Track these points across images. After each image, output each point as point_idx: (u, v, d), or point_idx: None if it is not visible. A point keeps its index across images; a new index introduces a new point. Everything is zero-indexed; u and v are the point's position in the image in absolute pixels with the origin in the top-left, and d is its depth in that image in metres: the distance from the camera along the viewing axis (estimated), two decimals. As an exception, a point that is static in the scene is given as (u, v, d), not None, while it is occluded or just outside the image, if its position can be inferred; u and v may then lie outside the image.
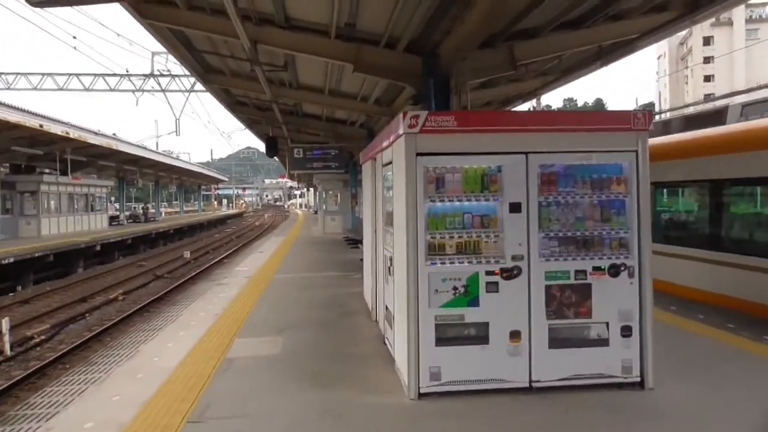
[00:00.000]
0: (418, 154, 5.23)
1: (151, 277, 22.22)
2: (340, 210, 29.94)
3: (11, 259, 19.54)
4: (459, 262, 5.31)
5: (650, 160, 5.40)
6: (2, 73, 28.57)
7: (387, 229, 6.76)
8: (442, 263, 5.29)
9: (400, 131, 5.28)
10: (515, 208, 5.33)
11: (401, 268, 5.41)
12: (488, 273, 5.29)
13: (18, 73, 29.17)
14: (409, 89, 10.76)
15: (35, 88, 28.56)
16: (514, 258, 5.32)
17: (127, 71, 29.38)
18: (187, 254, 28.44)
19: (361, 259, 11.07)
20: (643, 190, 5.40)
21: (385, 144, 6.54)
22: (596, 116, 5.62)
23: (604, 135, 5.40)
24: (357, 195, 25.92)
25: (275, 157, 28.60)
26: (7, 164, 28.52)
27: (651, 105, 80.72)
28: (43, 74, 28.99)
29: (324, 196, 31.63)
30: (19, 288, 20.48)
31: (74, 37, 32.26)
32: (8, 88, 28.30)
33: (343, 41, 9.41)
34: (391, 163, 6.12)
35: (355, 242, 19.85)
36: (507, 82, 13.46)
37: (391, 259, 6.30)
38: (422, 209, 5.26)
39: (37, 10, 15.80)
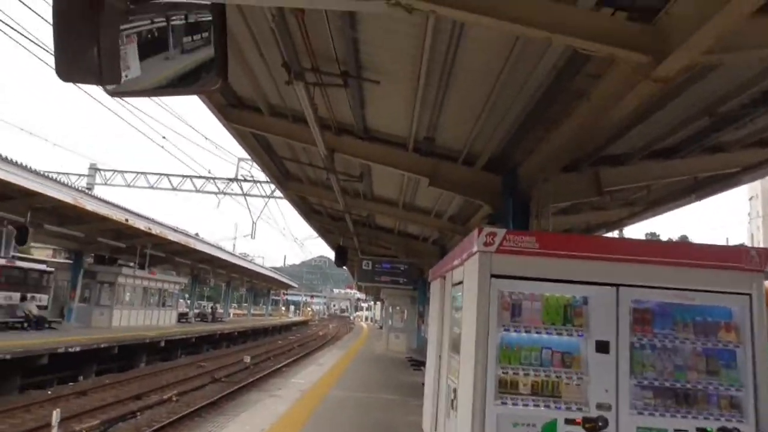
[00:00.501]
0: (492, 276, 4.70)
1: (208, 380, 21.81)
2: (406, 328, 29.03)
3: (77, 348, 19.74)
4: (534, 405, 4.57)
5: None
6: (101, 170, 30.91)
7: (453, 356, 6.10)
8: (513, 404, 4.57)
9: (474, 249, 4.80)
10: (602, 347, 4.62)
11: (466, 405, 4.71)
12: (568, 422, 4.51)
13: (115, 170, 31.53)
14: (486, 208, 10.39)
15: (128, 185, 30.55)
16: (599, 406, 4.53)
17: (209, 172, 30.99)
18: (247, 359, 28.07)
19: (423, 384, 10.27)
20: (759, 341, 4.58)
21: (456, 262, 6.06)
22: (702, 250, 4.93)
23: (710, 272, 4.70)
24: (424, 314, 25.15)
25: (344, 267, 28.60)
26: (93, 255, 29.87)
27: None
28: (137, 173, 31.18)
29: (390, 311, 30.95)
30: (81, 378, 20.53)
31: (164, 137, 34.72)
32: (105, 184, 30.45)
33: (420, 155, 9.29)
34: (461, 283, 5.60)
35: (419, 364, 18.87)
36: (590, 210, 12.86)
37: (455, 392, 5.59)
38: (494, 338, 4.65)
39: (132, 109, 17.08)
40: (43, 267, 31.76)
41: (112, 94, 2.29)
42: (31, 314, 23.93)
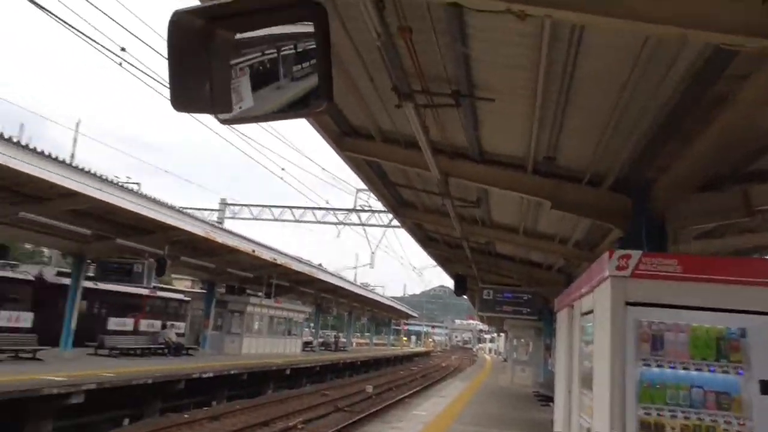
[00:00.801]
0: (627, 304, 4.18)
1: (331, 408, 22.02)
2: (531, 360, 27.80)
3: (210, 374, 20.74)
4: (685, 454, 3.95)
5: None
6: (229, 204, 33.27)
7: (584, 392, 5.53)
8: (660, 451, 3.98)
9: (605, 273, 4.31)
10: (769, 388, 3.91)
11: (602, 450, 4.18)
12: (729, 476, 3.84)
13: (242, 204, 33.85)
14: (616, 232, 9.62)
15: (254, 218, 32.55)
16: (770, 461, 3.82)
17: (327, 202, 32.25)
18: (369, 388, 28.17)
19: (552, 422, 9.56)
20: None
21: (584, 289, 5.53)
22: None
23: None
24: (551, 346, 23.94)
25: (465, 297, 28.07)
26: (224, 285, 31.65)
27: None
28: (262, 206, 33.05)
29: (514, 343, 29.89)
30: (214, 403, 21.51)
31: (283, 169, 36.40)
32: (233, 217, 32.71)
33: (541, 176, 8.79)
34: (591, 312, 5.07)
35: (547, 399, 17.83)
36: (736, 233, 11.53)
37: (588, 432, 5.04)
38: (632, 374, 4.10)
39: (253, 143, 18.08)
40: (180, 296, 34.21)
41: (224, 122, 2.30)
42: (171, 341, 25.61)
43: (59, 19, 8.91)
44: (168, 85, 2.13)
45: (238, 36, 2.11)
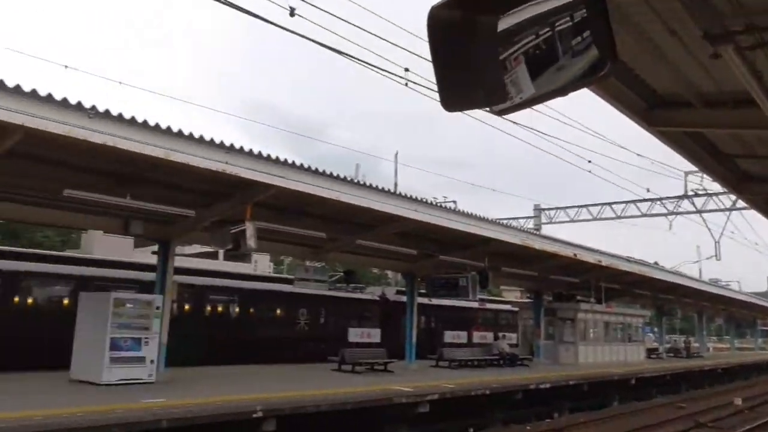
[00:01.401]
0: None
1: (690, 424, 19.52)
2: None
3: (547, 385, 20.34)
4: None
5: None
6: (544, 209, 32.90)
7: None
8: None
9: None
10: None
11: None
12: None
13: (558, 208, 33.59)
14: None
15: (572, 220, 31.51)
16: None
17: (648, 191, 29.21)
18: (738, 401, 24.37)
19: None
20: None
21: None
22: None
23: None
24: None
25: None
26: (551, 292, 31.08)
27: None
28: (579, 206, 32.03)
29: None
30: (556, 415, 20.99)
31: (589, 161, 34.20)
32: (550, 222, 32.28)
33: None
34: None
35: None
36: None
37: None
38: None
39: (551, 139, 17.39)
40: (508, 307, 34.85)
41: (500, 112, 2.23)
42: (504, 352, 25.99)
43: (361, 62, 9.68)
44: (436, 87, 2.07)
45: (503, 22, 1.95)
